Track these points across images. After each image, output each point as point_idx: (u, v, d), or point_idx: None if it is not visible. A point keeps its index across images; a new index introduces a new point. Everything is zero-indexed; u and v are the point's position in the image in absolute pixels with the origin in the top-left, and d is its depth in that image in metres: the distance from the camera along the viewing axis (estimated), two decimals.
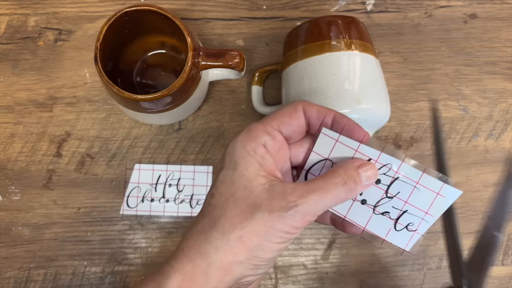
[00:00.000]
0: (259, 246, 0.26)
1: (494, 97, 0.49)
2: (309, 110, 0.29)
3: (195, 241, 0.26)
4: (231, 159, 0.28)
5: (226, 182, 0.27)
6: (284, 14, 0.50)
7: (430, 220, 0.29)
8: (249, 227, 0.26)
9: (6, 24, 0.48)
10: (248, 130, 0.28)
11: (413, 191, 0.29)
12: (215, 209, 0.27)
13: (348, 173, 0.27)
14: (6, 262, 0.45)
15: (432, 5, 0.50)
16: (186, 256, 0.26)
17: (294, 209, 0.26)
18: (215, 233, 0.26)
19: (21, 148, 0.47)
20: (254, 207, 0.26)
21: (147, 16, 0.40)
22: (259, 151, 0.27)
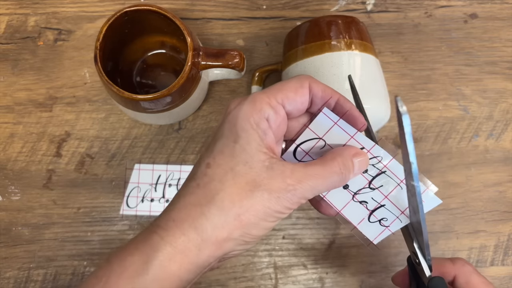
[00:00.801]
0: (254, 224, 0.26)
1: (494, 97, 0.49)
2: (315, 88, 0.29)
3: (189, 214, 0.26)
4: (232, 129, 0.27)
5: (226, 153, 0.26)
6: (284, 14, 0.50)
7: (404, 220, 0.30)
8: (248, 206, 0.26)
9: (6, 24, 0.48)
10: (252, 101, 0.27)
11: (395, 188, 0.29)
12: (212, 182, 0.26)
13: (345, 162, 0.28)
14: (6, 262, 0.45)
15: (432, 5, 0.50)
16: (178, 228, 0.25)
17: (292, 192, 0.26)
18: (213, 209, 0.25)
19: (20, 148, 0.47)
20: (254, 185, 0.26)
21: (147, 16, 0.40)
22: (262, 125, 0.27)
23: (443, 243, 0.47)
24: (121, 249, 0.26)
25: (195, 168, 0.28)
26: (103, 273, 0.25)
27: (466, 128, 0.49)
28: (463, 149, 0.48)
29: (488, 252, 0.47)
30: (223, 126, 0.28)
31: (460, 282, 0.31)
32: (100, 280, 0.25)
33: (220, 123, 0.28)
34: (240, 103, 0.27)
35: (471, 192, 0.48)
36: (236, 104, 0.28)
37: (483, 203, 0.48)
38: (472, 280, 0.31)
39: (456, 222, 0.47)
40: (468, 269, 0.31)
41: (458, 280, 0.31)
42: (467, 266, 0.32)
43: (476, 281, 0.31)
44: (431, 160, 0.48)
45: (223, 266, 0.46)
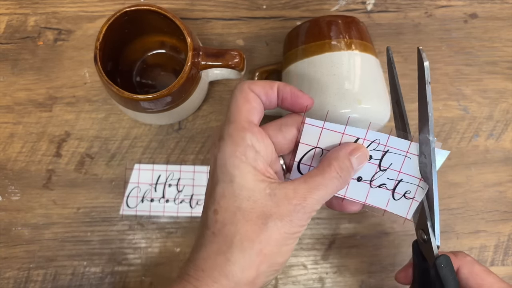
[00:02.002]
0: (277, 253, 0.27)
1: (494, 97, 0.49)
2: (257, 90, 0.29)
3: (215, 262, 0.26)
4: (224, 171, 0.27)
5: (227, 196, 0.27)
6: (284, 14, 0.50)
7: (424, 186, 0.30)
8: (266, 239, 0.26)
9: (6, 24, 0.48)
10: (229, 136, 0.28)
11: (404, 160, 0.30)
12: (226, 226, 0.27)
13: (341, 165, 0.28)
14: (6, 262, 0.45)
15: (432, 4, 0.50)
16: (209, 277, 0.26)
17: (302, 211, 0.27)
18: (236, 253, 0.26)
19: (20, 148, 0.46)
20: (264, 217, 0.26)
21: (147, 16, 0.40)
22: (249, 154, 0.27)
23: (443, 243, 0.47)
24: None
25: (204, 215, 0.29)
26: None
27: (466, 128, 0.49)
28: (463, 149, 0.48)
29: (488, 252, 0.47)
30: (216, 171, 0.28)
31: (463, 273, 0.32)
32: None
33: (212, 170, 0.29)
34: (221, 145, 0.28)
35: (471, 192, 0.48)
36: (219, 147, 0.28)
37: (483, 203, 0.48)
38: (475, 269, 0.32)
39: (456, 222, 0.47)
40: (470, 260, 0.33)
41: (462, 270, 0.32)
42: (468, 257, 0.33)
43: (478, 270, 0.32)
44: None
45: None
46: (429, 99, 0.27)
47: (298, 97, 0.30)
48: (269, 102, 0.30)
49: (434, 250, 0.30)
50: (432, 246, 0.30)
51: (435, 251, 0.30)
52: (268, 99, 0.30)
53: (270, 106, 0.30)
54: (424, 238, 0.31)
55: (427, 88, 0.26)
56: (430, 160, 0.28)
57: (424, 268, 0.32)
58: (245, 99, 0.29)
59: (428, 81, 0.26)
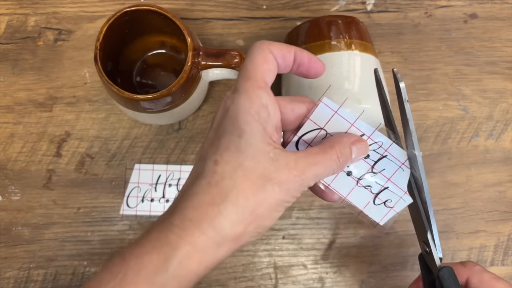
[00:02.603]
0: (266, 216, 0.27)
1: (494, 97, 0.49)
2: (275, 51, 0.29)
3: (206, 213, 0.26)
4: (234, 124, 0.27)
5: (232, 150, 0.27)
6: (284, 14, 0.50)
7: (407, 200, 0.31)
8: (260, 200, 0.26)
9: (6, 24, 0.48)
10: (245, 92, 0.27)
11: (397, 170, 0.30)
12: (224, 180, 0.26)
13: (342, 150, 0.28)
14: (6, 262, 0.45)
15: (432, 5, 0.50)
16: (197, 228, 0.26)
17: (299, 183, 0.27)
18: (229, 207, 0.26)
19: (20, 148, 0.47)
20: (264, 179, 0.26)
21: (147, 16, 0.40)
22: (262, 113, 0.27)
23: (443, 243, 0.47)
24: (135, 246, 0.27)
25: (201, 164, 0.28)
26: (118, 270, 0.26)
27: (466, 128, 0.49)
28: (463, 149, 0.48)
29: (488, 252, 0.47)
30: (224, 122, 0.28)
31: (473, 282, 0.32)
32: (115, 276, 0.25)
33: (220, 119, 0.28)
34: (235, 97, 0.28)
35: (471, 192, 0.48)
36: (232, 99, 0.28)
37: (483, 203, 0.48)
38: (484, 278, 0.32)
39: (456, 222, 0.47)
40: (479, 269, 0.33)
41: (471, 280, 0.32)
42: (477, 266, 0.33)
43: (488, 278, 0.32)
44: (431, 160, 0.48)
45: (223, 266, 0.46)
46: (409, 116, 0.28)
47: (315, 62, 0.30)
48: (285, 66, 0.30)
49: (436, 262, 0.30)
50: (434, 258, 0.30)
51: (437, 263, 0.30)
52: (284, 62, 0.30)
53: (284, 69, 0.30)
54: (427, 250, 0.31)
55: (406, 106, 0.28)
56: (420, 173, 0.29)
57: (431, 280, 0.32)
58: (264, 58, 0.28)
59: (406, 99, 0.28)
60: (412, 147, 0.29)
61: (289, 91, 0.42)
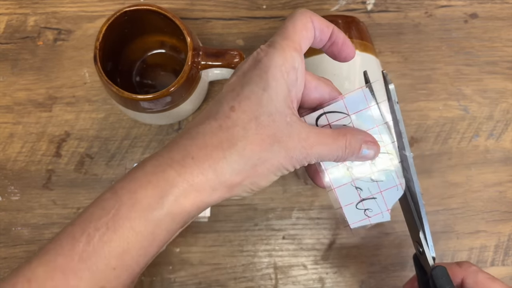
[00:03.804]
0: (264, 176, 0.27)
1: (494, 97, 0.49)
2: (316, 22, 0.29)
3: (210, 155, 0.26)
4: (262, 76, 0.26)
5: (252, 100, 0.26)
6: (284, 14, 0.49)
7: (386, 217, 0.31)
8: (265, 158, 0.26)
9: (6, 24, 0.48)
10: (281, 49, 0.27)
11: (392, 187, 0.31)
12: (236, 127, 0.26)
13: (353, 143, 0.28)
14: (6, 263, 0.45)
15: (432, 4, 0.50)
16: (197, 167, 0.25)
17: (304, 155, 0.27)
18: (234, 154, 0.26)
19: (20, 148, 0.46)
20: (274, 139, 0.26)
21: (147, 15, 0.40)
22: (291, 75, 0.27)
23: (444, 243, 0.47)
24: (128, 181, 0.26)
25: (216, 106, 0.27)
26: (110, 205, 0.25)
27: (467, 128, 0.49)
28: (463, 149, 0.48)
29: (488, 252, 0.47)
30: (252, 73, 0.27)
31: (468, 283, 0.32)
32: (108, 212, 0.25)
33: (248, 68, 0.28)
34: (270, 51, 0.27)
35: (472, 192, 0.48)
36: (266, 53, 0.27)
37: (483, 203, 0.48)
38: (479, 278, 0.32)
39: (456, 222, 0.47)
40: (474, 269, 0.33)
41: (467, 281, 0.32)
42: (473, 267, 0.33)
43: (483, 278, 0.32)
44: (431, 160, 0.48)
45: (223, 267, 0.46)
46: (400, 117, 0.28)
47: (348, 46, 0.30)
48: (320, 39, 0.30)
49: (429, 261, 0.31)
50: (427, 258, 0.31)
51: (430, 263, 0.31)
52: (321, 35, 0.29)
53: (319, 44, 0.30)
54: (420, 250, 0.31)
55: (396, 107, 0.28)
56: (411, 175, 0.29)
57: (426, 280, 0.32)
58: (304, 25, 0.28)
59: (396, 101, 0.28)
60: (403, 148, 0.29)
61: None
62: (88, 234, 0.24)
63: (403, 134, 0.28)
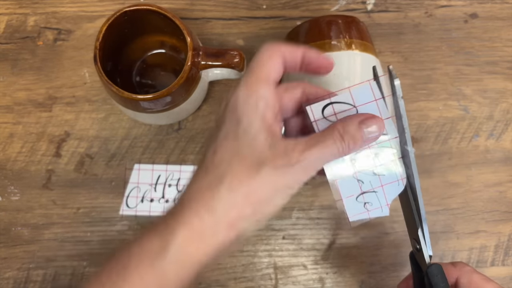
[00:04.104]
0: (264, 201, 0.27)
1: (494, 97, 0.49)
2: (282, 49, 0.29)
3: (201, 197, 0.27)
4: (233, 115, 0.28)
5: (230, 138, 0.27)
6: (284, 14, 0.49)
7: (385, 212, 0.31)
8: (255, 183, 0.26)
9: (6, 24, 0.48)
10: (245, 85, 0.28)
11: (394, 182, 0.30)
12: (220, 166, 0.27)
13: (346, 128, 0.27)
14: (5, 263, 0.45)
15: (432, 4, 0.50)
16: (192, 210, 0.26)
17: (298, 165, 0.27)
18: (222, 190, 0.26)
19: (20, 148, 0.46)
20: (259, 163, 0.26)
21: (147, 15, 0.40)
22: (260, 104, 0.27)
23: (444, 243, 0.47)
24: (140, 234, 0.27)
25: (203, 155, 0.29)
26: (122, 257, 0.26)
27: (467, 128, 0.49)
28: (464, 149, 0.48)
29: (488, 252, 0.47)
30: (225, 115, 0.28)
31: (462, 282, 0.32)
32: (120, 263, 0.26)
33: (221, 114, 0.29)
34: (236, 90, 0.28)
35: (472, 192, 0.48)
36: (233, 92, 0.28)
37: (483, 203, 0.48)
38: (474, 278, 0.32)
39: (456, 222, 0.47)
40: (469, 269, 0.33)
41: (461, 280, 0.32)
42: (467, 267, 0.33)
43: (477, 278, 0.32)
44: (431, 160, 0.48)
45: (223, 267, 0.46)
46: (403, 112, 0.28)
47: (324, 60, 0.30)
48: (292, 64, 0.30)
49: (426, 259, 0.31)
50: (424, 255, 0.31)
51: (427, 260, 0.31)
52: (292, 59, 0.30)
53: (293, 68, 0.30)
54: (417, 247, 0.31)
55: (400, 102, 0.28)
56: (412, 170, 0.29)
57: (421, 277, 0.32)
58: (269, 56, 0.29)
59: (400, 96, 0.28)
60: (405, 143, 0.29)
61: None
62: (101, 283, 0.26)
63: (406, 129, 0.28)
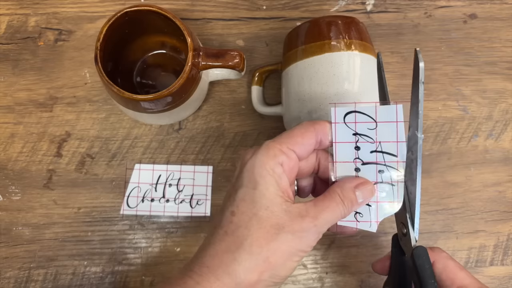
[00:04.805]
0: (281, 265, 0.28)
1: (493, 97, 0.49)
2: (320, 129, 0.31)
3: (221, 260, 0.27)
4: (250, 178, 0.29)
5: (247, 200, 0.28)
6: (284, 14, 0.50)
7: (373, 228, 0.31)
8: (274, 248, 0.28)
9: (6, 24, 0.48)
10: (266, 149, 0.29)
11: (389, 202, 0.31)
12: (239, 228, 0.28)
13: (346, 194, 0.30)
14: (6, 262, 0.45)
15: (432, 5, 0.51)
16: (213, 274, 0.27)
17: (313, 230, 0.28)
18: (243, 254, 0.27)
19: (21, 148, 0.47)
20: (278, 228, 0.28)
21: (147, 16, 0.40)
22: (277, 170, 0.29)
23: (443, 242, 0.47)
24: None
25: (220, 216, 0.30)
26: None
27: (466, 128, 0.49)
28: (463, 149, 0.48)
29: (487, 252, 0.47)
30: (242, 176, 0.29)
31: (437, 267, 0.33)
32: None
33: (238, 174, 0.30)
34: (254, 152, 0.30)
35: (471, 192, 0.48)
36: (251, 154, 0.30)
37: (482, 203, 0.48)
38: (448, 264, 0.33)
39: (455, 222, 0.47)
40: (445, 255, 0.34)
41: (436, 265, 0.33)
42: (444, 253, 0.34)
43: (452, 265, 0.33)
44: (430, 160, 0.48)
45: None
46: (421, 97, 0.28)
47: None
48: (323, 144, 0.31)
49: (412, 241, 0.32)
50: (411, 237, 0.32)
51: (413, 242, 0.32)
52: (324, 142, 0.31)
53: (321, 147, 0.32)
54: (404, 232, 0.32)
55: (420, 87, 0.28)
56: (417, 156, 0.30)
57: (402, 261, 0.33)
58: (302, 133, 0.30)
59: (422, 81, 0.28)
60: (416, 128, 0.29)
61: (289, 91, 0.42)
62: None
63: (420, 115, 0.29)
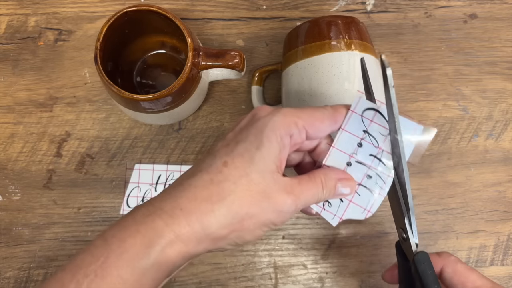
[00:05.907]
0: (251, 231, 0.28)
1: (494, 97, 0.49)
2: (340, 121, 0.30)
3: (198, 208, 0.26)
4: (257, 136, 0.28)
5: (245, 157, 0.27)
6: (284, 14, 0.50)
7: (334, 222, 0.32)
8: (252, 213, 0.27)
9: (6, 24, 0.48)
10: (283, 115, 0.28)
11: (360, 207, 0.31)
12: (227, 182, 0.27)
13: (328, 182, 0.30)
14: (6, 262, 0.45)
15: (432, 5, 0.51)
16: (185, 218, 0.26)
17: (292, 208, 0.28)
18: (222, 208, 0.26)
19: (21, 148, 0.47)
20: (263, 196, 0.27)
21: (147, 16, 0.40)
22: (285, 140, 0.28)
23: (443, 243, 0.47)
24: (119, 228, 0.26)
25: (209, 160, 0.28)
26: (100, 252, 0.25)
27: (466, 128, 0.49)
28: (463, 149, 0.48)
29: (487, 252, 0.47)
30: (249, 130, 0.28)
31: (447, 272, 0.33)
32: (97, 259, 0.25)
33: (245, 125, 0.29)
34: (271, 113, 0.29)
35: (471, 192, 0.48)
36: (267, 113, 0.29)
37: (482, 203, 0.48)
38: (458, 268, 0.33)
39: (455, 222, 0.47)
40: (454, 259, 0.33)
41: (446, 270, 0.33)
42: (452, 257, 0.34)
43: (461, 268, 0.33)
44: (430, 160, 0.48)
45: (223, 266, 0.46)
46: (394, 101, 0.29)
47: None
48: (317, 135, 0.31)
49: (412, 247, 0.31)
50: (411, 243, 0.31)
51: (413, 248, 0.31)
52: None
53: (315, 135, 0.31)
54: (404, 236, 0.32)
55: (391, 91, 0.29)
56: (401, 159, 0.30)
57: (407, 267, 0.33)
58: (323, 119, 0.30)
59: (392, 85, 0.29)
60: (395, 131, 0.30)
61: (289, 91, 0.42)
62: (77, 281, 0.25)
63: (397, 118, 0.29)
